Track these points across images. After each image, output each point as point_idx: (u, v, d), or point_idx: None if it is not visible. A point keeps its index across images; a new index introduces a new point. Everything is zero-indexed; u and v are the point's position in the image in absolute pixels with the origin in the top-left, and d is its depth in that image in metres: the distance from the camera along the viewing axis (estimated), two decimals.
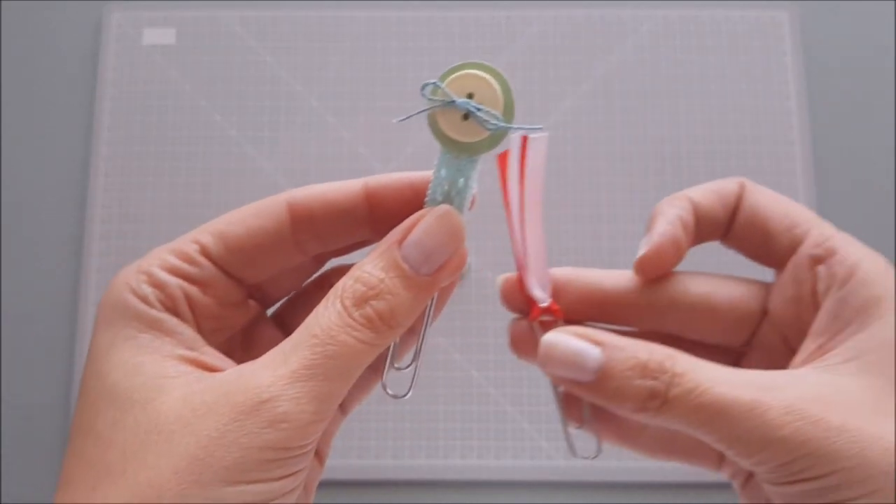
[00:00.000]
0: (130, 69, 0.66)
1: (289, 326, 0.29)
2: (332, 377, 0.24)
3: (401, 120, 0.26)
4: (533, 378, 0.60)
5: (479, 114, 0.25)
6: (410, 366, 0.28)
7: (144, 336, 0.25)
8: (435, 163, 0.26)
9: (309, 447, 0.24)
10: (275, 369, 0.23)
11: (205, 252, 0.27)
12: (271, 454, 0.23)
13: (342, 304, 0.24)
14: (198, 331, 0.26)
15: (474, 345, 0.60)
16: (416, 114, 0.26)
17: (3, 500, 0.58)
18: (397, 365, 0.28)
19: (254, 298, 0.29)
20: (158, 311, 0.25)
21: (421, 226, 0.26)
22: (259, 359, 0.24)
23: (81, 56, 0.67)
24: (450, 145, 0.26)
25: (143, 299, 0.25)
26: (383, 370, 0.28)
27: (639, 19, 0.67)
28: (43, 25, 0.68)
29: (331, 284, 0.25)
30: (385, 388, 0.28)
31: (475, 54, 0.65)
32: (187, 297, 0.26)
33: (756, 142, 0.64)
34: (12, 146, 0.66)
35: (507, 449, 0.59)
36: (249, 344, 0.29)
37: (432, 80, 0.25)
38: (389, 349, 0.27)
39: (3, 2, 0.69)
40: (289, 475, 0.23)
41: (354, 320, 0.24)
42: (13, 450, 0.60)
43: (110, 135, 0.65)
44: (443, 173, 0.26)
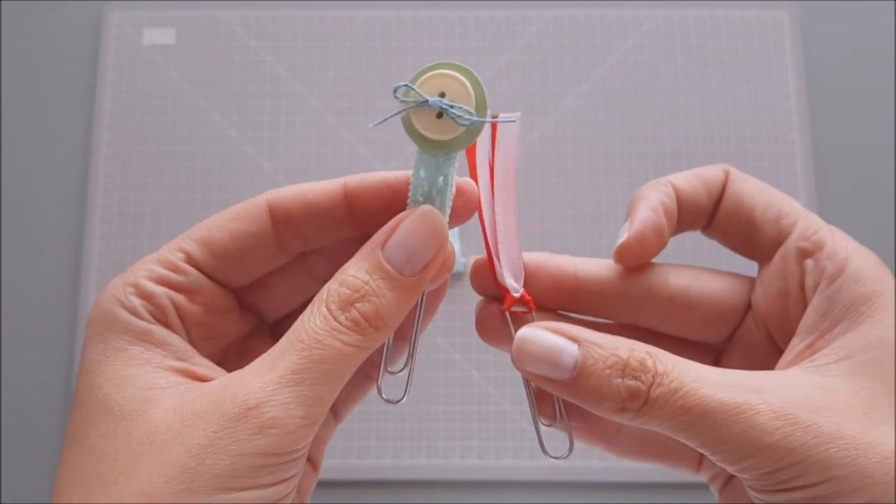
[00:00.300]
0: (130, 69, 0.66)
1: None
2: (320, 381, 0.23)
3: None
4: None
5: (452, 111, 0.25)
6: (404, 370, 0.28)
7: (135, 348, 0.25)
8: (413, 165, 0.26)
9: (300, 453, 0.24)
10: (262, 375, 0.23)
11: (190, 260, 0.27)
12: (262, 460, 0.22)
13: (327, 308, 0.24)
14: (188, 340, 0.26)
15: (474, 345, 0.60)
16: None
17: (3, 501, 0.58)
18: (391, 369, 0.28)
19: (253, 312, 0.29)
20: (148, 322, 0.25)
21: (403, 227, 0.25)
22: (247, 367, 0.24)
23: (81, 56, 0.67)
24: (426, 144, 0.26)
25: (132, 311, 0.25)
26: (377, 376, 0.28)
27: (639, 19, 0.67)
28: (43, 25, 0.68)
29: None
30: (380, 392, 0.28)
31: (475, 54, 0.65)
32: (175, 305, 0.26)
33: (756, 142, 0.64)
34: (12, 146, 0.66)
35: (507, 449, 0.59)
36: (248, 358, 0.29)
37: (404, 83, 0.26)
38: (384, 353, 0.27)
39: (3, 2, 0.69)
40: (280, 482, 0.23)
41: (340, 324, 0.24)
42: (13, 450, 0.60)
43: (110, 135, 0.65)
44: (422, 174, 0.26)
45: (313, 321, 0.24)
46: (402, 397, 0.27)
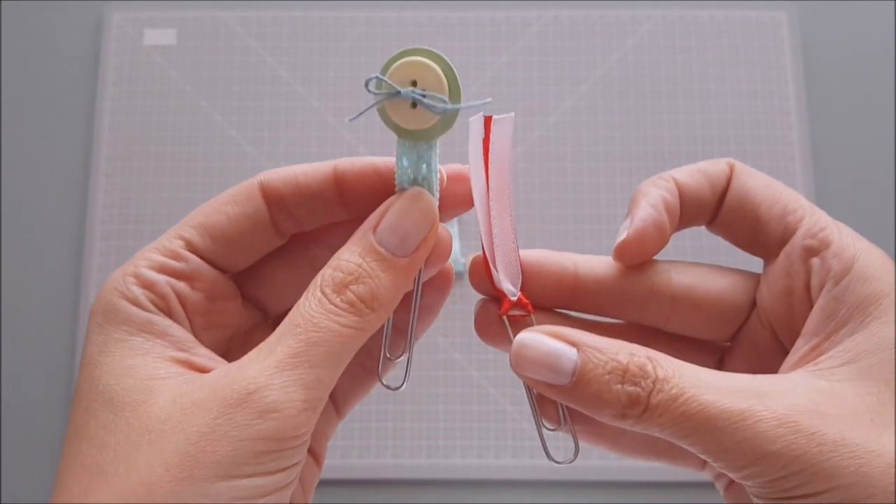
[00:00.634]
0: (131, 69, 0.66)
1: None
2: (319, 364, 0.23)
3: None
4: None
5: (426, 100, 0.25)
6: (402, 356, 0.28)
7: (136, 339, 0.25)
8: (395, 153, 0.26)
9: (302, 439, 0.24)
10: (260, 361, 0.23)
11: (189, 246, 0.27)
12: (263, 445, 0.22)
13: (322, 292, 0.24)
14: (191, 329, 0.26)
15: (474, 345, 0.60)
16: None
17: (3, 501, 0.58)
18: (390, 356, 0.28)
19: (257, 306, 0.29)
20: (150, 311, 0.25)
21: (394, 209, 0.25)
22: (245, 356, 0.24)
23: (81, 56, 0.67)
24: (404, 135, 0.26)
25: (134, 301, 0.25)
26: (377, 367, 0.28)
27: (639, 19, 0.67)
28: (43, 25, 0.68)
29: None
30: (380, 378, 0.28)
31: (475, 54, 0.65)
32: (177, 293, 0.26)
33: (756, 142, 0.64)
34: (12, 146, 0.66)
35: (507, 449, 0.59)
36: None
37: (375, 75, 0.25)
38: (383, 339, 0.27)
39: (3, 2, 0.69)
40: (283, 469, 0.23)
41: (336, 306, 0.24)
42: (13, 450, 0.60)
43: (110, 135, 0.65)
44: (405, 162, 0.26)
45: (309, 305, 0.24)
46: (402, 384, 0.27)
